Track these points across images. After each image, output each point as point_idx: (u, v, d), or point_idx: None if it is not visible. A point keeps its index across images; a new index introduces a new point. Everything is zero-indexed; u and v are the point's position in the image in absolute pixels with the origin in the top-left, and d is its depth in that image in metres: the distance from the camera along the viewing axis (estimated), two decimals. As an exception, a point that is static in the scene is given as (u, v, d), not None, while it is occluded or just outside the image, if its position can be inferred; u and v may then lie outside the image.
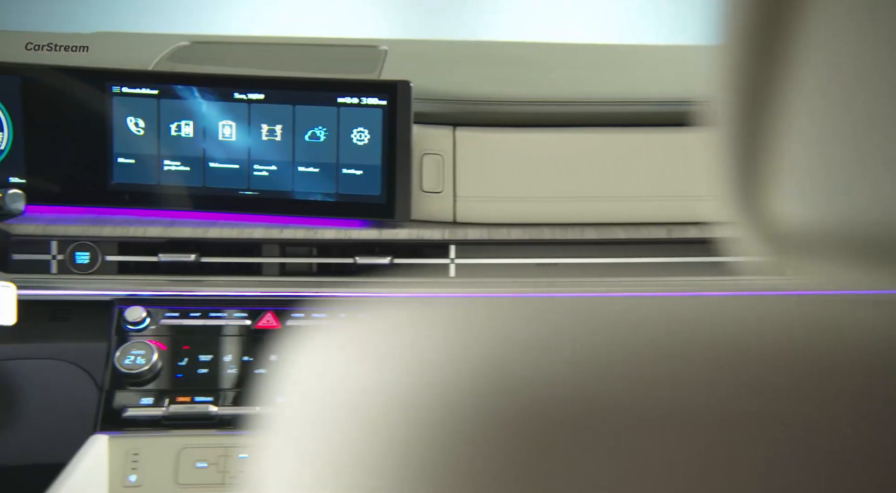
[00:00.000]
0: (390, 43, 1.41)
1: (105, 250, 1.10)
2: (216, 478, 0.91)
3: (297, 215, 1.15)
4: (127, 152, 1.15)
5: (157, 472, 0.90)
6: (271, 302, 1.10)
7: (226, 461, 0.92)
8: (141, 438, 0.93)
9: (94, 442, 0.91)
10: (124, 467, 0.90)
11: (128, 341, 1.03)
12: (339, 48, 1.42)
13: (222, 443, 0.93)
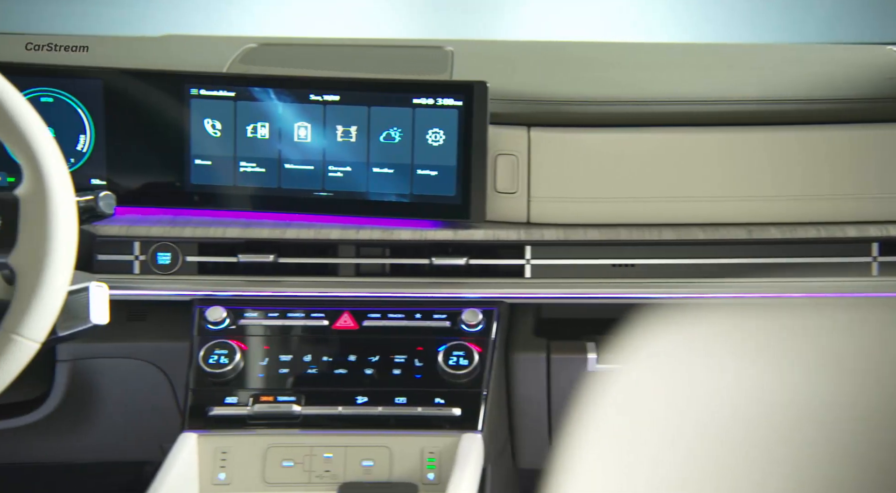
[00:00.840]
0: (455, 44, 1.41)
1: (185, 250, 1.11)
2: (302, 477, 0.92)
3: (372, 216, 1.15)
4: (204, 154, 1.16)
5: (245, 470, 0.92)
6: (348, 303, 1.11)
7: (311, 460, 0.93)
8: (228, 437, 0.94)
9: (184, 441, 0.93)
10: (213, 465, 0.92)
11: (210, 341, 1.05)
12: (405, 49, 1.43)
13: (307, 443, 0.94)
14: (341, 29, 1.81)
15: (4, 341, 0.77)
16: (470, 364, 1.02)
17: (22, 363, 0.78)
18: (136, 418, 1.34)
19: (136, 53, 1.47)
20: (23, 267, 0.78)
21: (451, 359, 1.03)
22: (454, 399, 1.01)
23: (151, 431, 1.37)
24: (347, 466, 0.93)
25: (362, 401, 1.00)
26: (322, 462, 0.92)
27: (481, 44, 1.45)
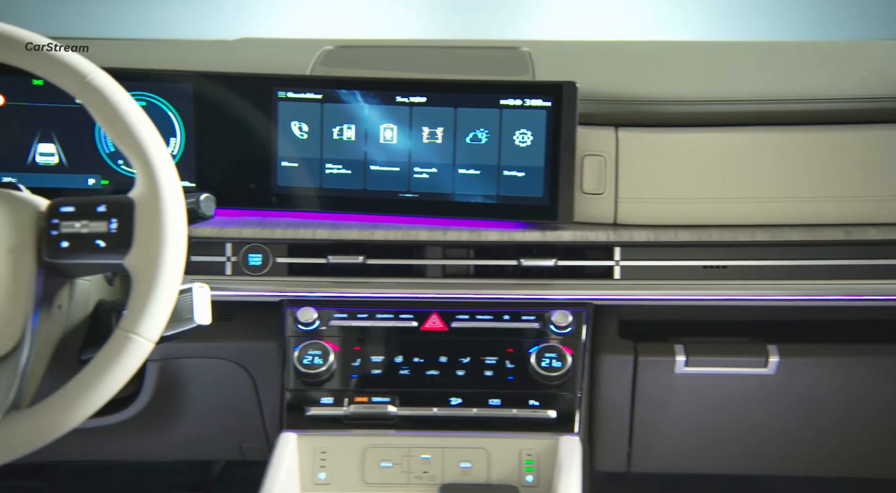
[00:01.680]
0: (530, 44, 1.41)
1: (276, 251, 1.12)
2: (401, 478, 0.92)
3: (458, 217, 1.15)
4: (290, 156, 1.18)
5: (344, 470, 0.92)
6: (436, 304, 1.11)
7: (409, 461, 0.93)
8: (327, 437, 0.95)
9: (286, 441, 0.94)
10: (313, 465, 0.92)
11: (303, 342, 1.05)
12: (481, 50, 1.43)
13: (404, 443, 0.95)
14: (378, 29, 1.82)
15: (123, 341, 0.79)
16: (563, 366, 1.02)
17: (139, 362, 0.80)
18: (217, 417, 1.36)
19: (212, 56, 1.49)
20: (138, 268, 0.80)
21: (544, 361, 1.02)
22: (548, 401, 1.00)
23: (232, 430, 1.39)
24: (445, 467, 0.93)
25: (456, 403, 1.00)
26: (420, 463, 0.93)
27: (557, 44, 1.44)
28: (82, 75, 0.82)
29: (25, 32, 0.82)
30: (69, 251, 0.80)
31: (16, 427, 0.76)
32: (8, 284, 0.78)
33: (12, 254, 0.79)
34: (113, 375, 0.79)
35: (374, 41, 1.49)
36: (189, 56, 1.48)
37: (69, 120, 1.15)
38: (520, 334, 1.08)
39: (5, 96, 1.13)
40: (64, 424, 0.78)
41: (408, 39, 1.50)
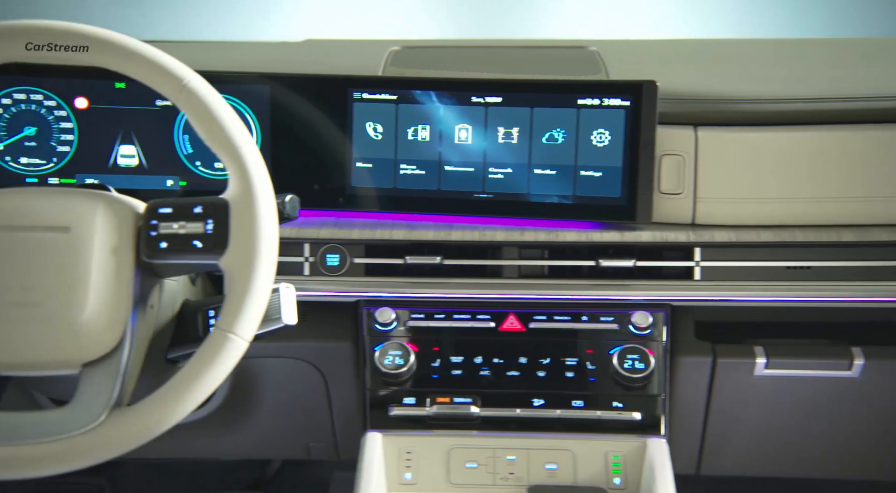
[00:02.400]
0: (597, 43, 1.40)
1: (353, 252, 1.13)
2: (487, 479, 0.92)
3: (533, 218, 1.15)
4: (365, 157, 1.18)
5: (429, 471, 0.92)
6: (512, 304, 1.11)
7: (494, 462, 0.93)
8: (411, 437, 0.95)
9: (372, 441, 0.94)
10: (399, 465, 0.93)
11: (383, 342, 1.06)
12: (549, 50, 1.42)
13: (489, 444, 0.95)
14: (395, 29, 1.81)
15: (221, 340, 0.79)
16: (647, 368, 1.01)
17: (235, 361, 0.81)
18: (287, 417, 1.37)
19: (278, 58, 1.50)
20: (234, 269, 0.80)
21: (627, 362, 1.01)
22: (633, 403, 1.00)
23: (300, 430, 1.40)
24: (531, 468, 0.93)
25: (539, 404, 0.99)
26: (505, 465, 0.92)
27: (624, 43, 1.43)
28: (179, 79, 0.83)
29: (124, 37, 0.83)
30: (168, 252, 0.81)
31: (121, 424, 0.77)
32: (111, 284, 0.79)
33: (115, 254, 0.80)
34: (212, 373, 0.80)
35: (440, 41, 1.49)
36: (255, 58, 1.50)
37: (149, 122, 1.17)
38: (599, 336, 1.07)
39: (89, 99, 1.15)
40: (166, 421, 0.79)
41: (473, 39, 1.51)
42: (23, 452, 0.75)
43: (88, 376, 0.79)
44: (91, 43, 0.82)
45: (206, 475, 2.02)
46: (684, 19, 2.02)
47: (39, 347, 0.78)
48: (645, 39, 1.47)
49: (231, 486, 2.03)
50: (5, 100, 1.14)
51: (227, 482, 2.04)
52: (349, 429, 1.36)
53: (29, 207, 0.80)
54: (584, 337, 1.07)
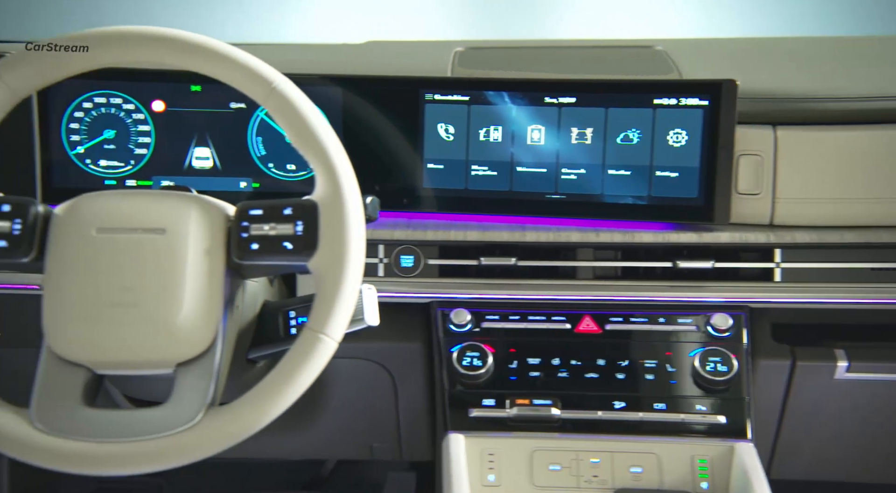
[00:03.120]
0: (662, 42, 1.39)
1: (427, 253, 1.13)
2: (571, 482, 0.91)
3: (607, 219, 1.14)
4: (437, 158, 1.18)
5: (512, 472, 0.92)
6: (587, 306, 1.11)
7: (578, 464, 0.92)
8: (493, 438, 0.95)
9: (455, 442, 0.94)
10: (481, 466, 0.93)
11: (459, 343, 1.06)
12: (615, 50, 1.41)
13: (572, 447, 0.94)
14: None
15: (313, 341, 0.80)
16: (730, 370, 1.00)
17: (326, 361, 0.81)
18: (354, 417, 1.37)
19: (341, 60, 1.51)
20: (323, 270, 0.81)
21: (709, 365, 1.00)
22: (716, 406, 0.98)
23: (365, 430, 1.40)
24: (615, 471, 0.92)
25: (620, 406, 0.99)
26: (589, 467, 0.92)
27: (691, 43, 1.41)
28: (269, 82, 0.84)
29: (216, 41, 0.84)
30: (259, 253, 0.82)
31: (218, 424, 0.78)
32: (205, 285, 0.80)
33: (208, 256, 0.81)
34: (304, 373, 0.80)
35: (503, 42, 1.49)
36: (317, 60, 1.51)
37: (223, 124, 1.18)
38: (677, 337, 1.06)
39: (166, 103, 1.17)
40: (260, 420, 0.80)
41: (536, 40, 1.50)
42: (126, 449, 0.76)
43: (183, 376, 0.80)
44: (185, 47, 0.83)
45: (260, 474, 2.04)
46: (706, 17, 2.00)
47: (136, 347, 0.79)
48: (712, 38, 1.45)
49: (286, 486, 2.04)
50: (86, 104, 1.16)
51: (281, 482, 2.05)
52: (415, 430, 1.36)
53: (127, 210, 0.81)
54: (662, 339, 1.06)
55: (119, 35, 0.82)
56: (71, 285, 0.78)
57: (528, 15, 2.00)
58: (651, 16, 1.81)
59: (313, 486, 2.07)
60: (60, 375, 0.78)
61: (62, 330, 0.78)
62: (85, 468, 0.77)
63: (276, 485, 2.03)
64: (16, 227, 0.78)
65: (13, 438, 0.75)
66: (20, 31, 1.60)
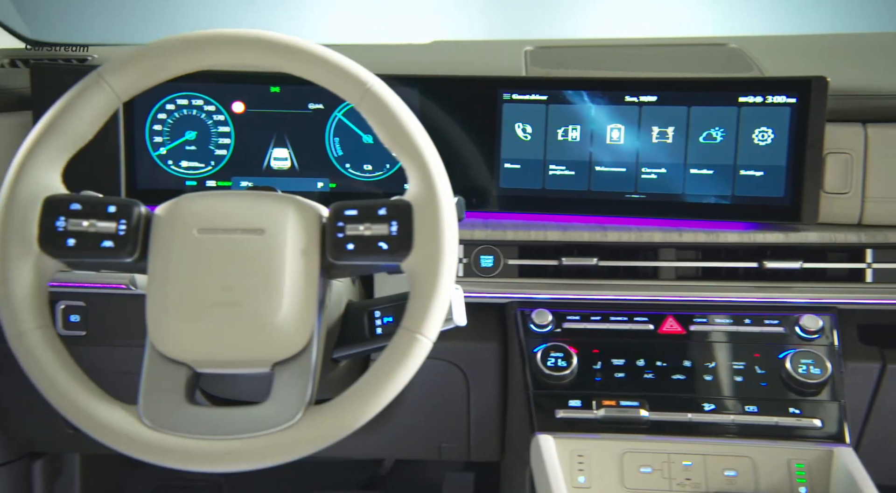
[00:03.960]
0: (735, 40, 1.36)
1: (506, 253, 1.13)
2: (662, 484, 0.90)
3: (688, 218, 1.13)
4: (514, 158, 1.18)
5: (603, 474, 0.91)
6: (670, 307, 1.09)
7: (669, 467, 0.91)
8: (582, 440, 0.95)
9: (544, 443, 0.94)
10: (571, 468, 0.92)
11: (542, 344, 1.05)
12: (688, 48, 1.39)
13: (663, 449, 0.93)
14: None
15: (410, 341, 0.80)
16: (823, 373, 0.98)
17: (421, 361, 0.81)
18: (425, 417, 1.37)
19: (408, 60, 1.51)
20: (418, 270, 0.81)
21: (801, 367, 0.98)
22: (810, 409, 0.96)
23: (435, 430, 1.40)
24: (709, 475, 0.91)
25: (710, 408, 0.97)
26: (682, 470, 0.90)
27: (768, 40, 1.39)
28: (363, 83, 0.84)
29: (310, 43, 0.84)
30: (354, 253, 0.82)
31: (317, 422, 0.79)
32: (302, 285, 0.81)
33: (304, 256, 0.82)
34: (401, 373, 0.80)
35: (572, 41, 1.48)
36: (385, 60, 1.51)
37: (302, 125, 1.19)
38: (765, 339, 1.04)
39: (246, 104, 1.18)
40: (358, 419, 0.80)
41: (606, 38, 1.49)
42: (230, 446, 0.77)
43: (281, 375, 0.81)
44: (281, 49, 0.83)
45: (318, 473, 2.05)
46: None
47: (236, 346, 0.79)
48: (788, 35, 1.43)
49: (344, 485, 2.05)
50: (169, 106, 1.17)
51: (339, 481, 2.06)
52: (484, 430, 1.36)
53: (226, 210, 0.82)
54: (749, 340, 1.04)
55: (217, 38, 0.83)
56: (173, 285, 0.79)
57: (552, 12, 1.98)
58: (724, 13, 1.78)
59: (372, 486, 2.07)
60: (164, 372, 0.79)
61: (165, 329, 0.79)
62: (191, 464, 0.78)
63: (334, 484, 2.04)
64: (121, 227, 0.79)
65: (123, 434, 0.76)
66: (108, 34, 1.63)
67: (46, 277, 0.79)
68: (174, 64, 0.82)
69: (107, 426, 0.76)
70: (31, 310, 0.77)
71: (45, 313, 0.78)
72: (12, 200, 0.78)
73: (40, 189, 0.79)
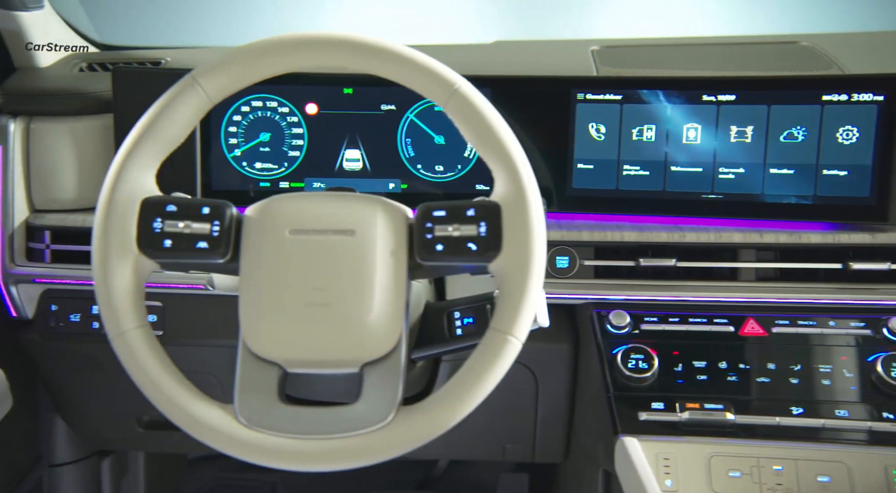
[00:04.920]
0: (806, 38, 1.34)
1: (582, 254, 1.12)
2: (753, 489, 0.89)
3: (767, 219, 1.11)
4: (587, 158, 1.17)
5: (690, 478, 0.90)
6: (749, 308, 1.08)
7: (759, 471, 0.90)
8: (667, 443, 0.93)
9: (631, 446, 0.93)
10: (657, 471, 0.91)
11: (621, 345, 1.04)
12: (759, 46, 1.37)
13: (752, 453, 0.91)
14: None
15: (501, 342, 0.80)
16: (918, 377, 0.96)
17: (511, 362, 0.81)
18: (491, 418, 1.37)
19: (472, 60, 1.51)
20: (507, 271, 0.80)
21: (894, 370, 0.96)
22: (904, 414, 0.94)
23: (500, 431, 1.39)
24: (801, 480, 0.89)
25: (798, 412, 0.95)
26: (772, 475, 0.89)
27: (840, 37, 1.36)
28: (451, 84, 0.84)
29: (397, 44, 0.85)
30: (443, 254, 0.82)
31: (410, 423, 0.79)
32: (391, 286, 0.81)
33: (393, 257, 0.82)
34: (493, 374, 0.80)
35: (639, 40, 1.46)
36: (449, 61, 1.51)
37: (374, 126, 1.19)
38: (852, 341, 1.02)
39: (319, 105, 1.19)
40: (450, 420, 0.80)
41: (674, 37, 1.47)
42: (325, 446, 0.77)
43: (371, 375, 0.81)
44: (368, 51, 0.83)
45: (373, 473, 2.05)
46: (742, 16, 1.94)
47: (328, 346, 0.80)
48: (858, 32, 1.40)
49: (399, 485, 2.05)
50: (244, 108, 1.19)
51: (393, 481, 2.06)
52: (550, 431, 1.35)
53: (317, 211, 0.82)
54: (835, 343, 1.02)
55: (307, 41, 0.83)
56: (266, 285, 0.79)
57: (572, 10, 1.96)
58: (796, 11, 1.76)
59: (426, 486, 2.07)
60: (257, 372, 0.80)
61: (258, 329, 0.79)
62: (286, 462, 0.78)
63: (389, 484, 2.05)
64: (215, 229, 0.80)
65: (221, 433, 0.77)
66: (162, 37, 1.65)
67: (143, 277, 0.80)
68: (265, 66, 0.83)
69: (206, 424, 0.77)
70: (131, 310, 0.78)
71: (143, 312, 0.79)
72: (112, 201, 0.79)
73: (138, 191, 0.80)
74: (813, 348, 1.02)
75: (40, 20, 1.24)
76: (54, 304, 1.19)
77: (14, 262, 1.15)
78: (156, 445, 1.52)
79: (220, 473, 2.06)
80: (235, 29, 1.83)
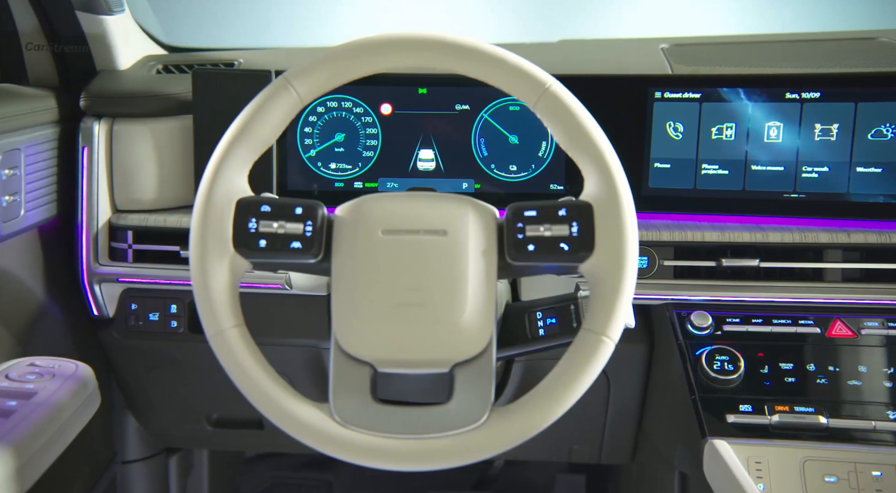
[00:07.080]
0: (885, 33, 1.30)
1: (662, 254, 1.10)
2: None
3: (853, 218, 1.08)
4: (664, 157, 1.15)
5: (784, 483, 0.88)
6: (835, 310, 1.05)
7: (857, 477, 0.88)
8: (758, 446, 0.92)
9: (722, 448, 0.91)
10: (749, 474, 0.89)
11: (705, 347, 1.03)
12: (836, 43, 1.34)
13: (848, 458, 0.89)
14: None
15: (595, 342, 0.79)
16: None
17: (605, 362, 0.80)
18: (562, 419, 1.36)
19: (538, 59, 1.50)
20: (600, 271, 0.79)
21: None
22: None
23: (569, 432, 1.38)
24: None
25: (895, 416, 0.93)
26: (871, 481, 0.87)
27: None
28: (542, 84, 0.83)
29: (485, 44, 0.84)
30: (535, 254, 0.81)
31: (503, 423, 0.78)
32: (483, 286, 0.80)
33: (485, 257, 0.81)
34: (586, 374, 0.79)
35: (709, 38, 1.44)
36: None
37: (448, 126, 1.19)
38: (947, 344, 0.99)
39: (393, 106, 1.19)
40: (544, 420, 0.79)
41: (745, 35, 1.44)
42: (421, 446, 0.77)
43: (462, 375, 0.81)
44: (457, 51, 0.83)
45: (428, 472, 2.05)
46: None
47: (420, 346, 0.79)
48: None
49: (455, 485, 2.05)
50: (319, 108, 1.19)
51: (449, 481, 2.06)
52: (620, 432, 1.34)
53: (409, 212, 0.82)
54: None
55: (397, 41, 0.83)
56: (359, 285, 0.80)
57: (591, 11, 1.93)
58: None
59: (482, 486, 2.07)
60: (350, 371, 0.80)
61: (351, 328, 0.79)
62: (383, 462, 0.78)
63: (444, 484, 2.04)
64: (307, 229, 0.81)
65: (318, 431, 0.77)
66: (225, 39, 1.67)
67: (238, 277, 0.81)
68: (355, 67, 0.83)
69: (304, 423, 0.77)
70: (228, 309, 0.79)
71: (240, 312, 0.80)
72: (209, 201, 0.80)
73: (233, 191, 0.81)
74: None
75: (121, 24, 1.26)
76: (134, 303, 1.21)
77: (98, 261, 1.17)
78: (222, 443, 1.54)
79: (276, 471, 2.08)
80: (280, 30, 1.85)
